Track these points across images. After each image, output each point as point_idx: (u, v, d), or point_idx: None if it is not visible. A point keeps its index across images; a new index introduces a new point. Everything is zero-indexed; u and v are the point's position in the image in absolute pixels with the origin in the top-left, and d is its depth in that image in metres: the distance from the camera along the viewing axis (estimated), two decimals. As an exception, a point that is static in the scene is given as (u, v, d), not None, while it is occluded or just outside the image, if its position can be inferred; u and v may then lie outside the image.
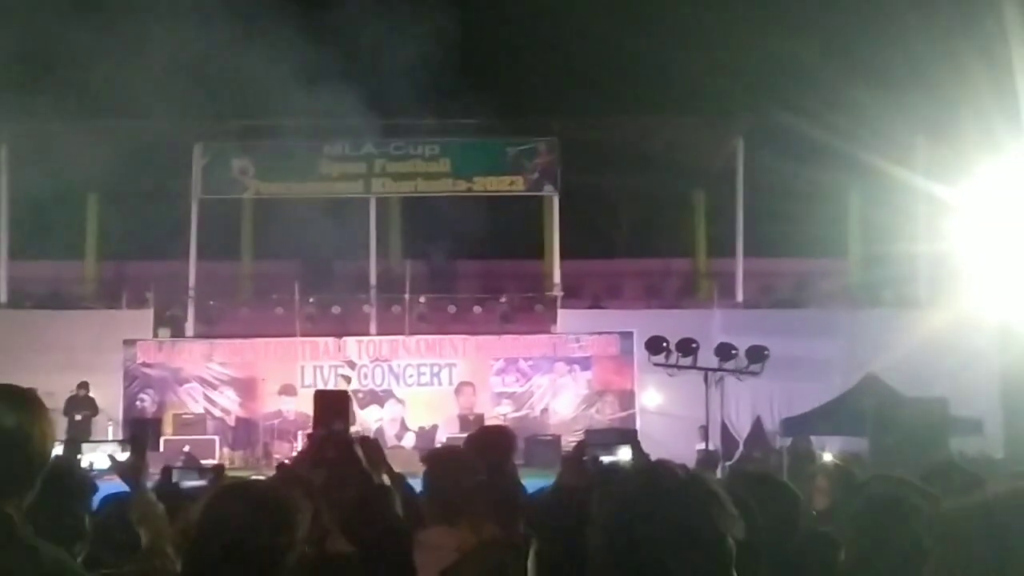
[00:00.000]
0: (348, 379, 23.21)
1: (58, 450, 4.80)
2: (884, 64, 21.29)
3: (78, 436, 15.73)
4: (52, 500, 3.63)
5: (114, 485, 4.47)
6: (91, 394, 21.76)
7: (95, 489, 4.13)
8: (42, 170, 25.84)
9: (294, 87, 24.28)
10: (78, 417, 21.16)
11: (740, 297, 25.18)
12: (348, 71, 24.98)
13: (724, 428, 21.25)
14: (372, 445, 5.09)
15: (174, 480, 4.60)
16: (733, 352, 19.96)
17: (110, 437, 21.45)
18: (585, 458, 5.28)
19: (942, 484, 4.88)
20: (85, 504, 3.87)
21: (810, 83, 21.64)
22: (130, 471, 4.15)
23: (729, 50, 22.01)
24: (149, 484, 4.50)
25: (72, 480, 3.90)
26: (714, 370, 19.44)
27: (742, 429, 22.05)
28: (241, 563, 2.77)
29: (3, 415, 2.59)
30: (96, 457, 4.35)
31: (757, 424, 21.76)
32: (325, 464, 4.68)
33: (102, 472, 4.30)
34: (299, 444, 21.26)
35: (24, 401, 2.68)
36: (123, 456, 4.22)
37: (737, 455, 20.81)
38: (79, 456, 4.28)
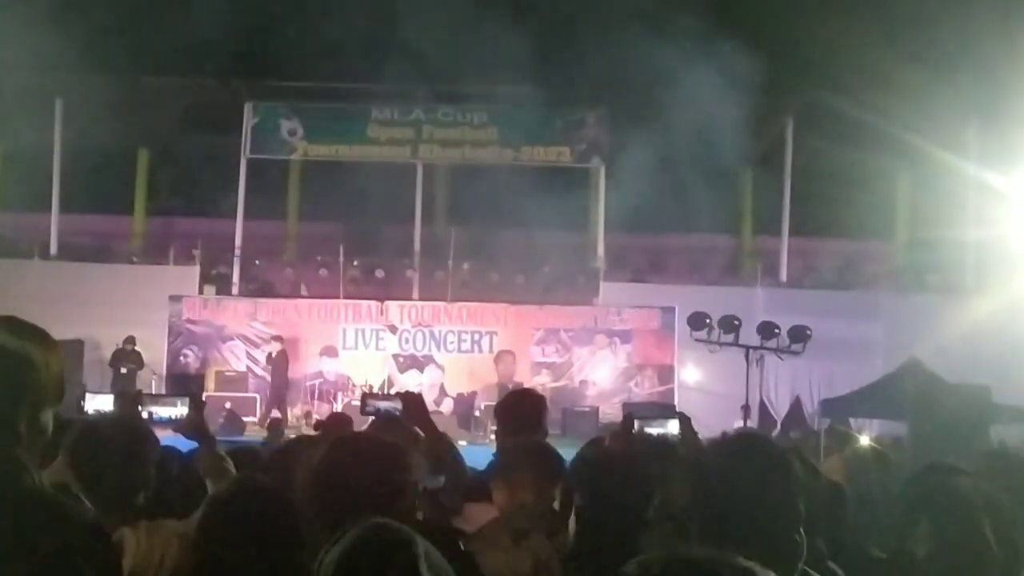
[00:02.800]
0: (394, 328, 23.47)
1: (110, 403, 4.92)
2: (938, 47, 21.05)
3: (130, 389, 15.89)
4: (118, 451, 3.75)
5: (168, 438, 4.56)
6: (136, 348, 22.03)
7: (158, 441, 4.23)
8: (94, 124, 26.10)
9: (345, 49, 24.34)
10: (124, 370, 21.46)
11: (784, 276, 25.10)
12: (399, 35, 25.04)
13: (763, 407, 21.24)
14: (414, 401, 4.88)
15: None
16: (775, 331, 19.94)
17: (154, 390, 21.76)
18: (634, 430, 5.30)
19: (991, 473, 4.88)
20: (149, 455, 3.96)
21: (862, 65, 21.46)
22: (194, 426, 4.25)
23: (781, 28, 21.84)
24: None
25: (136, 433, 4.01)
26: (755, 348, 19.41)
27: (781, 408, 22.06)
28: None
29: (11, 355, 2.49)
30: (157, 410, 4.39)
31: (796, 404, 21.76)
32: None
33: (160, 423, 4.38)
34: (339, 405, 21.50)
35: (38, 339, 2.59)
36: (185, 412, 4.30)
37: (774, 435, 20.79)
38: (141, 409, 4.33)
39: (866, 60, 21.25)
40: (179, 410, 4.43)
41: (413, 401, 4.74)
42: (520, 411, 5.14)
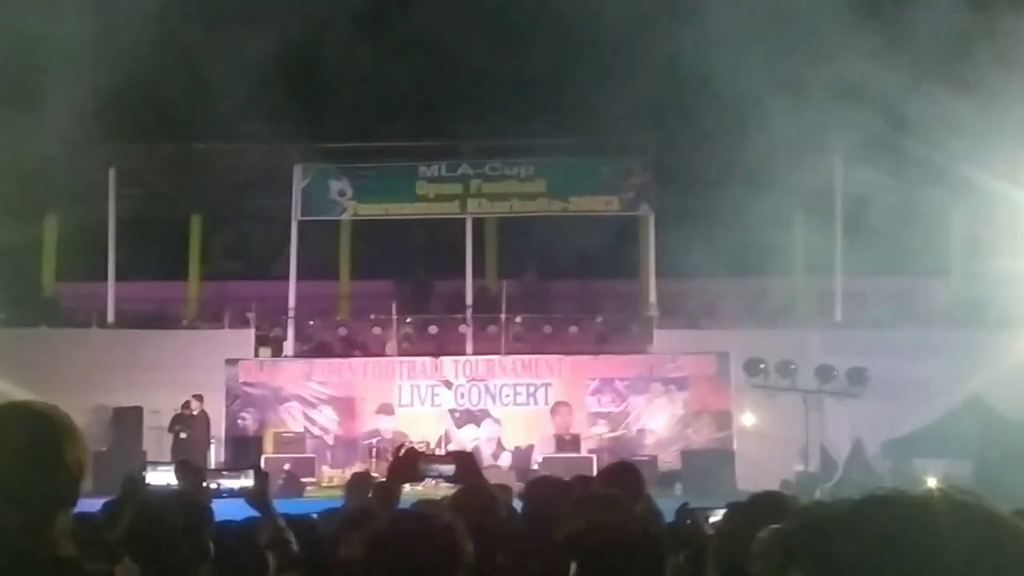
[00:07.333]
0: (449, 384, 23.48)
1: (169, 475, 4.95)
2: (986, 76, 20.87)
3: (189, 457, 15.92)
4: (175, 527, 3.77)
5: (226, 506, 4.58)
6: (196, 410, 22.03)
7: (213, 515, 4.25)
8: (147, 192, 26.54)
9: (390, 108, 24.61)
10: (183, 435, 21.55)
11: (839, 317, 24.84)
12: (443, 92, 25.30)
13: (823, 450, 21.00)
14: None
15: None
16: (833, 373, 19.80)
17: (212, 454, 21.95)
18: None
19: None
20: (208, 528, 3.99)
21: (910, 97, 21.31)
22: (258, 496, 4.27)
23: (828, 65, 21.77)
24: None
25: (192, 507, 4.03)
26: (813, 392, 19.25)
27: (841, 451, 21.75)
28: None
29: (30, 435, 2.48)
30: (223, 482, 4.45)
31: (857, 446, 21.46)
32: None
33: (227, 494, 4.43)
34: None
35: (51, 420, 2.55)
36: (250, 481, 4.33)
37: (836, 478, 20.54)
38: (204, 483, 4.39)
39: (914, 92, 21.09)
40: (243, 481, 4.48)
41: (466, 461, 4.74)
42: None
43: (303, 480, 21.22)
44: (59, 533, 2.46)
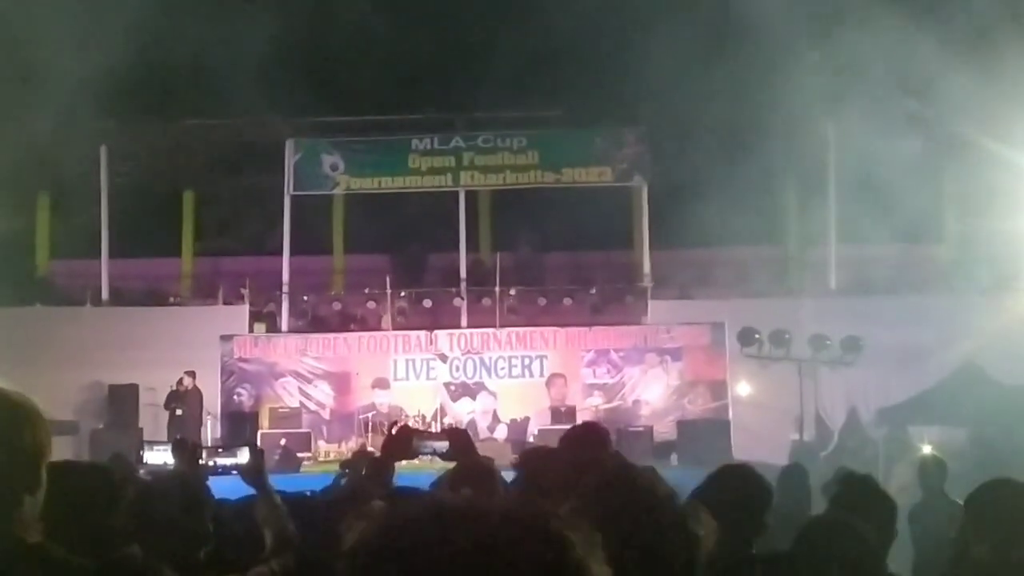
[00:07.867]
0: (444, 357, 23.47)
1: (166, 455, 4.95)
2: (980, 38, 20.73)
3: (185, 435, 15.88)
4: (176, 508, 3.77)
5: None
6: (191, 386, 21.92)
7: (212, 495, 4.26)
8: (139, 168, 26.42)
9: (381, 81, 24.51)
10: (179, 412, 21.51)
11: (833, 285, 24.83)
12: (434, 64, 25.19)
13: (818, 419, 21.06)
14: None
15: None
16: (827, 343, 19.81)
17: (209, 430, 21.96)
18: None
19: None
20: (207, 508, 3.99)
21: (903, 62, 21.22)
22: (253, 473, 4.27)
23: (820, 32, 21.66)
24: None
25: (195, 487, 4.03)
26: (807, 361, 19.29)
27: (836, 419, 21.81)
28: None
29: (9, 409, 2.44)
30: (220, 460, 4.50)
31: (852, 414, 21.54)
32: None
33: (224, 471, 4.45)
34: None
35: (10, 406, 2.50)
36: (245, 459, 4.33)
37: (832, 446, 20.61)
38: (201, 461, 4.43)
39: (904, 52, 20.93)
40: (239, 459, 4.51)
41: (459, 437, 4.82)
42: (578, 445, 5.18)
43: (299, 455, 21.23)
44: (25, 519, 2.43)
